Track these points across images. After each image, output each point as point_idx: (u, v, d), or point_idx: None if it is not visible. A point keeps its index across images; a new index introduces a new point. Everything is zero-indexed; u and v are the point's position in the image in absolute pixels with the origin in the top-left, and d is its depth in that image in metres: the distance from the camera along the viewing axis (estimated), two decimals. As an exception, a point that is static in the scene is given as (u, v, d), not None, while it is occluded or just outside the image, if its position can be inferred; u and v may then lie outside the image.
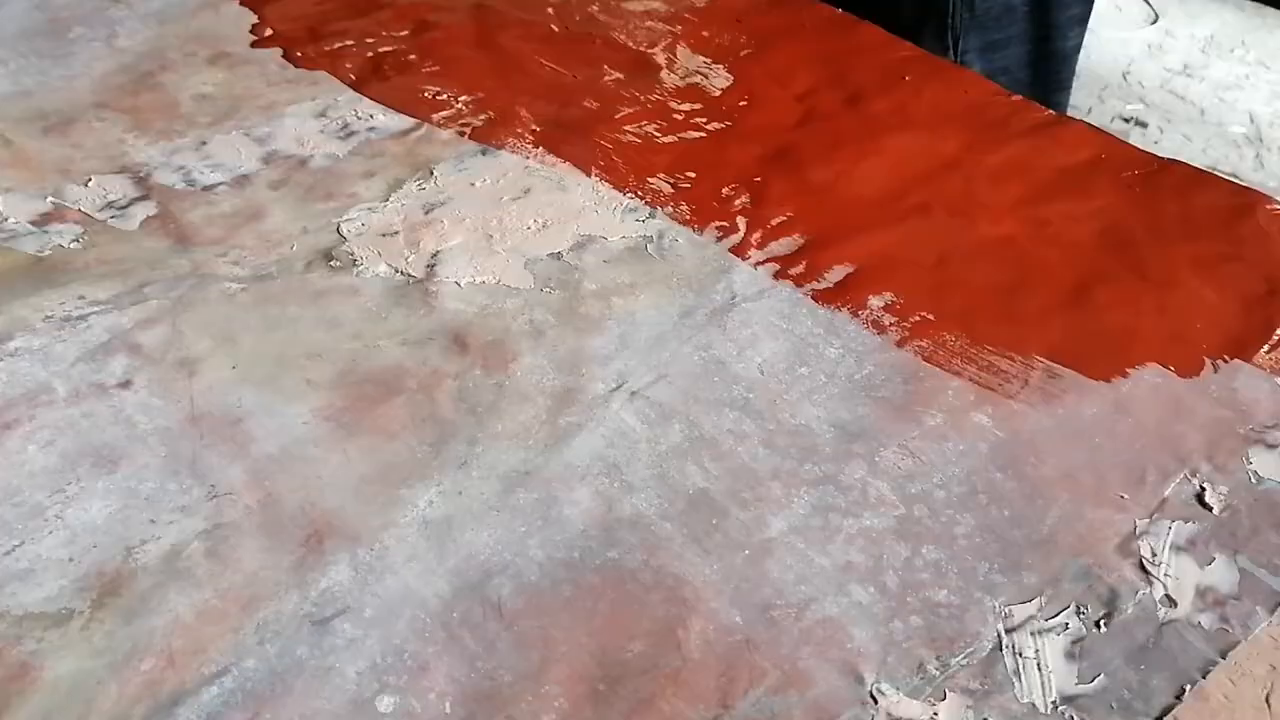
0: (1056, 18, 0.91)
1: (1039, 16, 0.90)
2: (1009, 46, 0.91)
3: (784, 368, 0.50)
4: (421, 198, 0.59)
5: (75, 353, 0.49)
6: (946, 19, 0.87)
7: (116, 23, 0.73)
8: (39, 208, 0.58)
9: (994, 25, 0.89)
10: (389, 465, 0.44)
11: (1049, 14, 0.90)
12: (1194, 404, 0.49)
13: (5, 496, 0.43)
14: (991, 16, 0.89)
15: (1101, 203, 0.61)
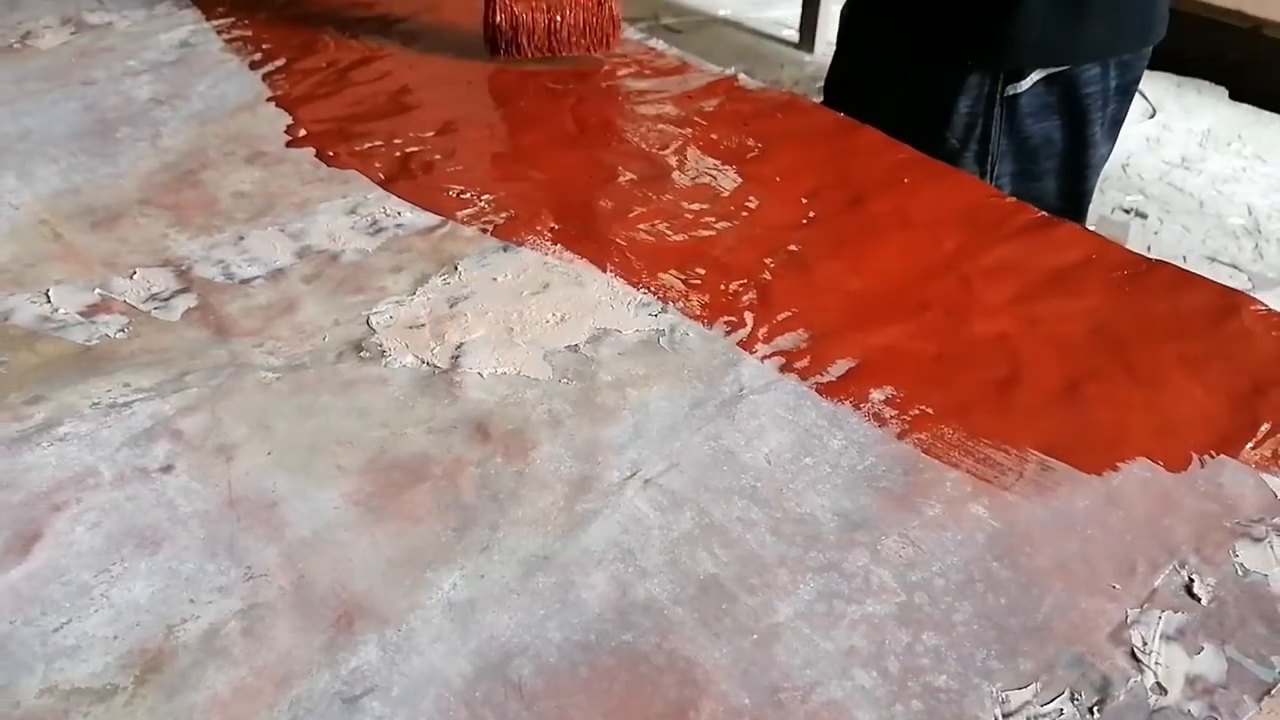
0: (1090, 158, 0.94)
1: (1073, 155, 0.93)
2: (1043, 179, 0.94)
3: (790, 458, 0.52)
4: (446, 292, 0.63)
5: (120, 438, 0.52)
6: (988, 145, 0.90)
7: (161, 123, 0.78)
8: (87, 299, 0.61)
9: (1031, 156, 0.92)
10: (415, 549, 0.47)
11: (1083, 154, 0.93)
12: (1182, 498, 0.51)
13: (54, 575, 0.45)
14: (1030, 147, 0.91)
15: (1092, 301, 0.64)
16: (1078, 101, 0.90)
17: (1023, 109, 0.89)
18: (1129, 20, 0.88)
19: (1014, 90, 0.88)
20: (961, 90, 0.88)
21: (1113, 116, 0.93)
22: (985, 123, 0.89)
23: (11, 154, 0.74)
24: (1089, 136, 0.92)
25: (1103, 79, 0.89)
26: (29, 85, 0.82)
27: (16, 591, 0.44)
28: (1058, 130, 0.91)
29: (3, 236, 0.66)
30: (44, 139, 0.75)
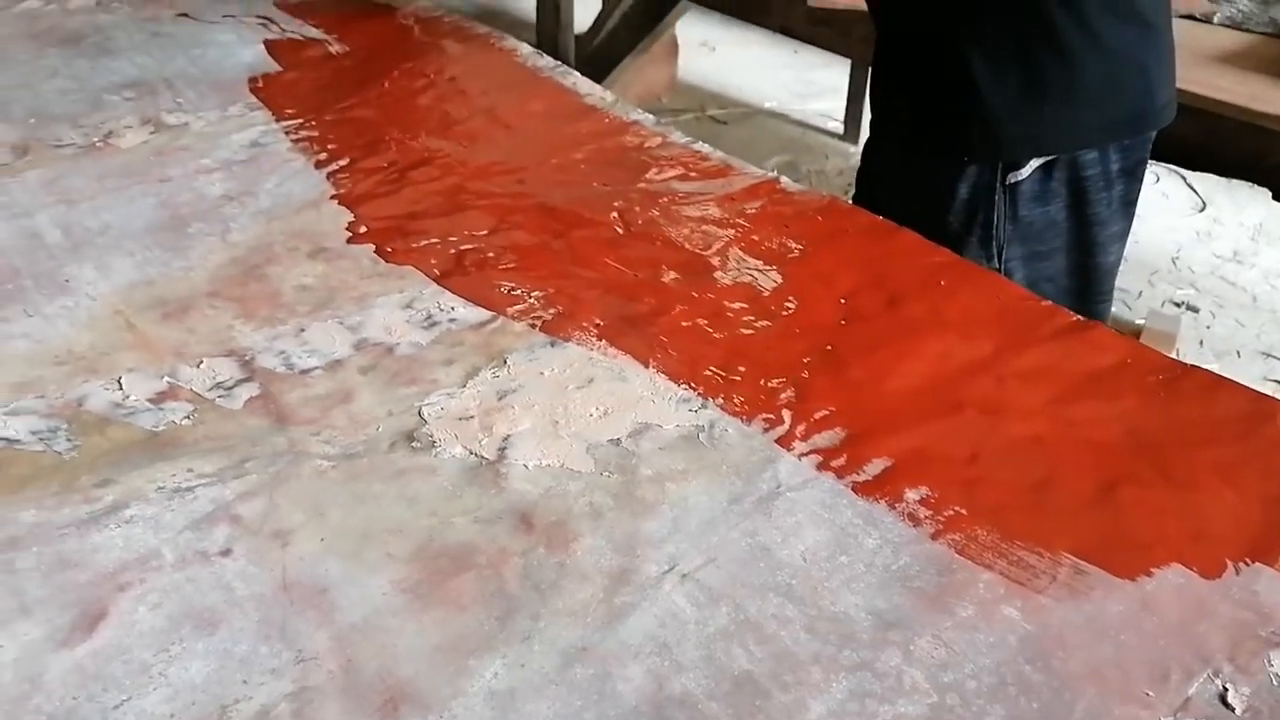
0: (1097, 235, 0.95)
1: (1080, 232, 0.95)
2: (1052, 258, 0.96)
3: (825, 556, 0.54)
4: (495, 385, 0.65)
5: (183, 521, 0.54)
6: (992, 230, 0.92)
7: (230, 219, 0.82)
8: (156, 387, 0.64)
9: (1037, 238, 0.94)
10: (459, 636, 0.49)
11: (1089, 231, 0.95)
12: (1216, 605, 0.51)
13: (116, 654, 0.47)
14: (1035, 230, 0.93)
15: (1126, 405, 0.65)
16: (1079, 184, 0.92)
17: (1025, 195, 0.92)
18: (1123, 108, 0.91)
19: (1015, 178, 0.91)
20: (961, 179, 0.91)
21: (1121, 196, 0.96)
22: (988, 210, 0.92)
23: (91, 247, 0.78)
24: (1093, 216, 0.94)
25: (1102, 162, 0.92)
26: (109, 182, 0.87)
27: (81, 668, 0.46)
28: (1062, 212, 0.94)
29: (80, 326, 0.70)
30: (122, 233, 0.80)
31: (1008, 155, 0.90)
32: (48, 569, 0.51)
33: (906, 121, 0.95)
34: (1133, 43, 0.89)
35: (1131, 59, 0.89)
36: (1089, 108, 0.88)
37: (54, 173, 0.88)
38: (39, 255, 0.77)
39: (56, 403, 0.63)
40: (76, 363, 0.66)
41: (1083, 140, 0.90)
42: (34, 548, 0.52)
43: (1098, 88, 0.88)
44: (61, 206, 0.83)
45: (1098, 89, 0.88)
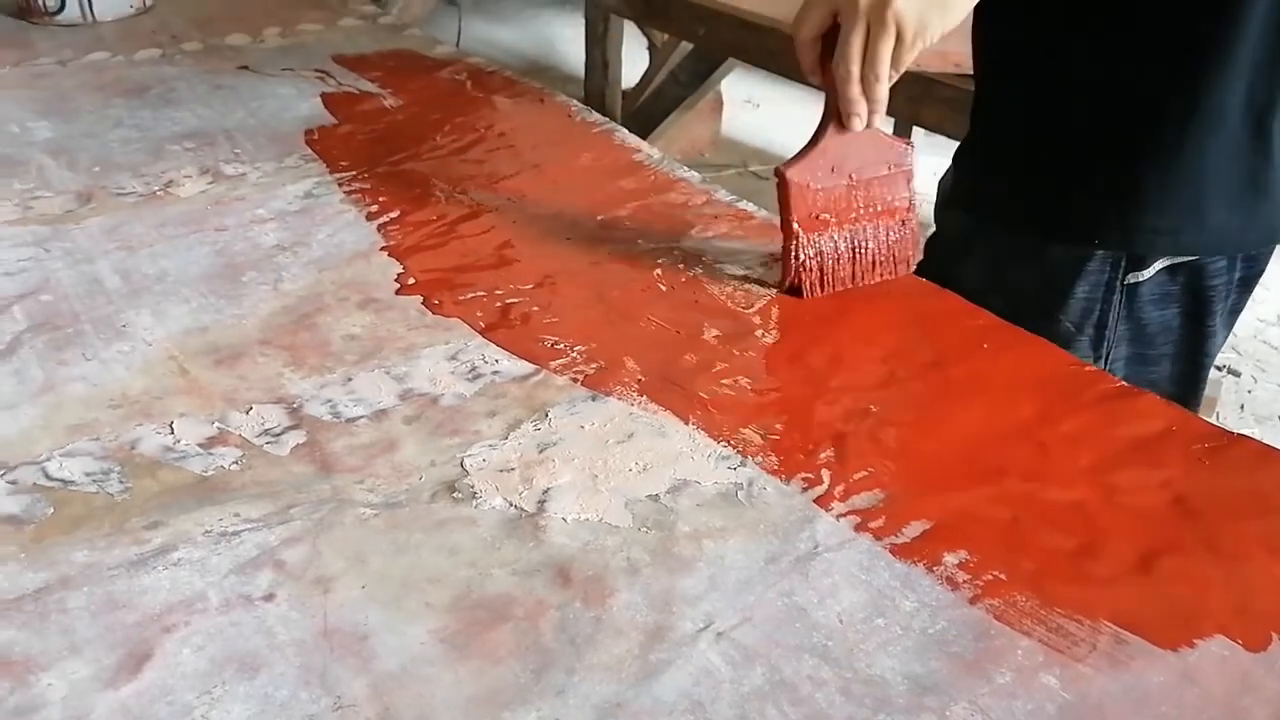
0: (1209, 346, 0.91)
1: (1193, 343, 0.91)
2: (1159, 363, 0.92)
3: (862, 618, 0.53)
4: (537, 438, 0.66)
5: (228, 565, 0.55)
6: (1104, 330, 0.88)
7: (283, 268, 0.84)
8: (206, 432, 0.66)
9: (1149, 341, 0.90)
10: (494, 689, 0.49)
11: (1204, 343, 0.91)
12: (1261, 679, 0.50)
13: (160, 695, 0.48)
14: (1149, 333, 0.90)
15: (1171, 473, 0.64)
16: (1200, 292, 0.88)
17: (1143, 297, 0.88)
18: (1261, 215, 0.85)
19: (1136, 278, 0.86)
20: (1082, 274, 0.86)
21: (1232, 307, 0.91)
22: (1104, 309, 0.87)
23: (149, 293, 0.80)
24: (1209, 327, 0.90)
25: (1228, 271, 0.88)
26: (168, 230, 0.90)
27: (126, 708, 0.47)
28: (1177, 318, 0.89)
29: (135, 370, 0.72)
30: (178, 280, 0.82)
31: (1140, 250, 0.85)
32: (97, 609, 0.52)
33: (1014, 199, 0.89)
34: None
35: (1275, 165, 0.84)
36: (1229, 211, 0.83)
37: (115, 220, 0.91)
38: (98, 300, 0.79)
39: (110, 445, 0.64)
40: (130, 406, 0.68)
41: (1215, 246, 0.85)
42: (85, 587, 0.54)
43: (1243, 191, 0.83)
44: (122, 253, 0.86)
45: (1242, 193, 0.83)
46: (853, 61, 0.73)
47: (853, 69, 0.73)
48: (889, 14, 0.70)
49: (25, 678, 0.48)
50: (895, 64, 0.73)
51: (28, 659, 0.49)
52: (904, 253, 0.84)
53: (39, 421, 0.66)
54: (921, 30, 0.71)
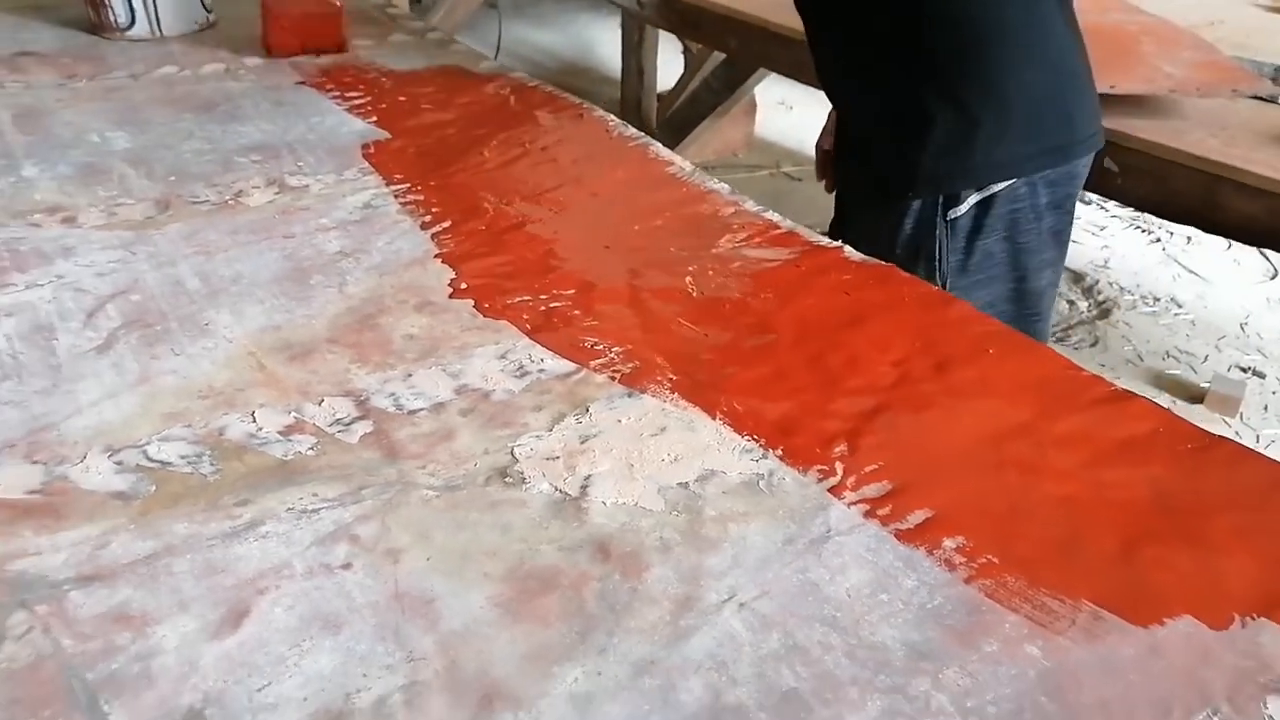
0: (1029, 262, 1.12)
1: (1014, 261, 1.10)
2: (990, 285, 1.11)
3: (868, 593, 0.60)
4: (579, 430, 0.73)
5: (309, 538, 0.63)
6: (935, 262, 1.08)
7: (346, 273, 0.92)
8: (285, 421, 0.74)
9: (976, 268, 1.10)
10: (544, 647, 0.56)
11: (1021, 259, 1.11)
12: (1221, 654, 0.57)
13: (257, 646, 0.56)
14: (974, 261, 1.09)
15: (1156, 471, 0.71)
16: (1012, 217, 1.08)
17: (963, 228, 1.08)
18: (1045, 139, 1.07)
19: (954, 214, 1.07)
20: (908, 214, 1.08)
21: (1050, 228, 1.11)
22: (931, 242, 1.09)
23: (227, 294, 0.88)
24: (1024, 245, 1.10)
25: (1031, 197, 1.08)
26: (240, 236, 0.98)
27: (229, 657, 0.55)
28: (998, 244, 1.08)
29: (219, 365, 0.80)
30: (252, 283, 0.90)
31: (946, 190, 1.05)
32: (199, 573, 0.60)
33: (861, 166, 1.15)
34: (1053, 86, 1.06)
35: (1052, 101, 1.07)
36: (1015, 143, 1.05)
37: (192, 227, 0.99)
38: (182, 300, 0.87)
39: (201, 432, 0.72)
40: (216, 397, 0.76)
41: (1010, 171, 1.05)
42: (188, 555, 0.62)
43: (1022, 125, 1.05)
44: (200, 257, 0.94)
45: (1022, 126, 1.04)
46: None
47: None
48: None
49: (143, 629, 0.56)
50: None
51: (144, 614, 0.57)
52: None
53: (138, 409, 0.74)
54: None
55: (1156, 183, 1.48)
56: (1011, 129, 1.05)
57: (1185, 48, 1.66)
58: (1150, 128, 1.52)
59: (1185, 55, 1.63)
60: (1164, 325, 2.64)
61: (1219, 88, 1.53)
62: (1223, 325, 2.67)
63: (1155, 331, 2.60)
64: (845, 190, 1.22)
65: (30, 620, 0.56)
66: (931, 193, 1.07)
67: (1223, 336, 2.61)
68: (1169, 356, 2.51)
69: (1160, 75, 1.56)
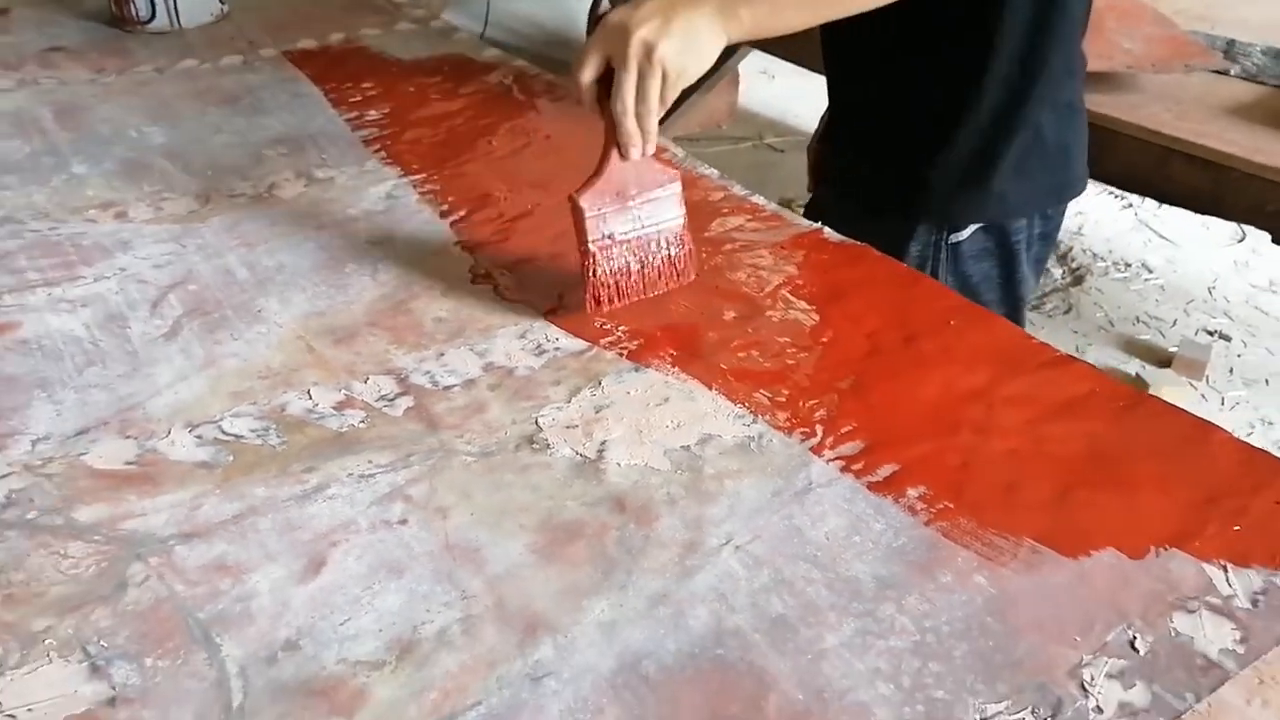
0: (1021, 290, 1.19)
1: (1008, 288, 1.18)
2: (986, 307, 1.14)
3: (843, 536, 0.72)
4: (593, 401, 0.84)
5: (369, 499, 0.74)
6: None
7: (377, 260, 1.03)
8: (336, 398, 0.84)
9: (973, 290, 1.16)
10: (575, 584, 0.68)
11: (1017, 288, 1.18)
12: (1138, 579, 0.69)
13: (336, 589, 0.67)
14: (972, 282, 1.16)
15: (1091, 426, 0.82)
16: (1008, 247, 1.15)
17: (964, 253, 1.14)
18: (1047, 180, 1.13)
19: (956, 239, 1.13)
20: (913, 237, 1.13)
21: (1036, 256, 1.18)
22: (934, 265, 1.13)
23: (273, 283, 0.99)
24: (1019, 274, 1.17)
25: (1028, 228, 1.14)
26: (278, 228, 1.08)
27: (313, 598, 0.66)
28: (993, 269, 1.16)
29: (273, 348, 0.90)
30: (294, 272, 1.01)
31: (955, 221, 1.12)
32: (280, 530, 0.71)
33: (865, 186, 1.18)
34: (1061, 127, 1.10)
35: (1058, 141, 1.11)
36: (1023, 182, 1.10)
37: (233, 219, 1.09)
38: (234, 289, 0.98)
39: (265, 408, 0.83)
40: (274, 377, 0.87)
41: (1017, 211, 1.12)
42: (268, 514, 0.73)
43: (1032, 166, 1.09)
44: (244, 249, 1.04)
45: (1031, 167, 1.09)
46: (627, 101, 0.85)
47: (628, 109, 0.86)
48: (655, 59, 0.84)
49: (240, 577, 0.68)
50: (663, 101, 0.87)
51: (239, 564, 0.69)
52: (685, 265, 0.97)
53: (207, 390, 0.85)
54: (682, 71, 0.86)
55: (1113, 155, 1.59)
56: (1029, 168, 1.08)
57: (1145, 22, 1.76)
58: (1109, 102, 1.62)
59: (1145, 30, 1.73)
60: (1135, 291, 2.75)
61: (1173, 63, 1.64)
62: (1191, 289, 2.78)
63: (1126, 297, 2.72)
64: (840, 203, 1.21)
65: (146, 570, 0.67)
66: (941, 219, 1.11)
67: (1191, 300, 2.73)
68: (1139, 322, 2.62)
69: (1119, 51, 1.67)
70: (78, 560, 0.68)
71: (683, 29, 0.84)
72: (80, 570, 0.67)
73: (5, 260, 0.99)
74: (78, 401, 0.82)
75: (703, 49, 0.86)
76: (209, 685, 0.61)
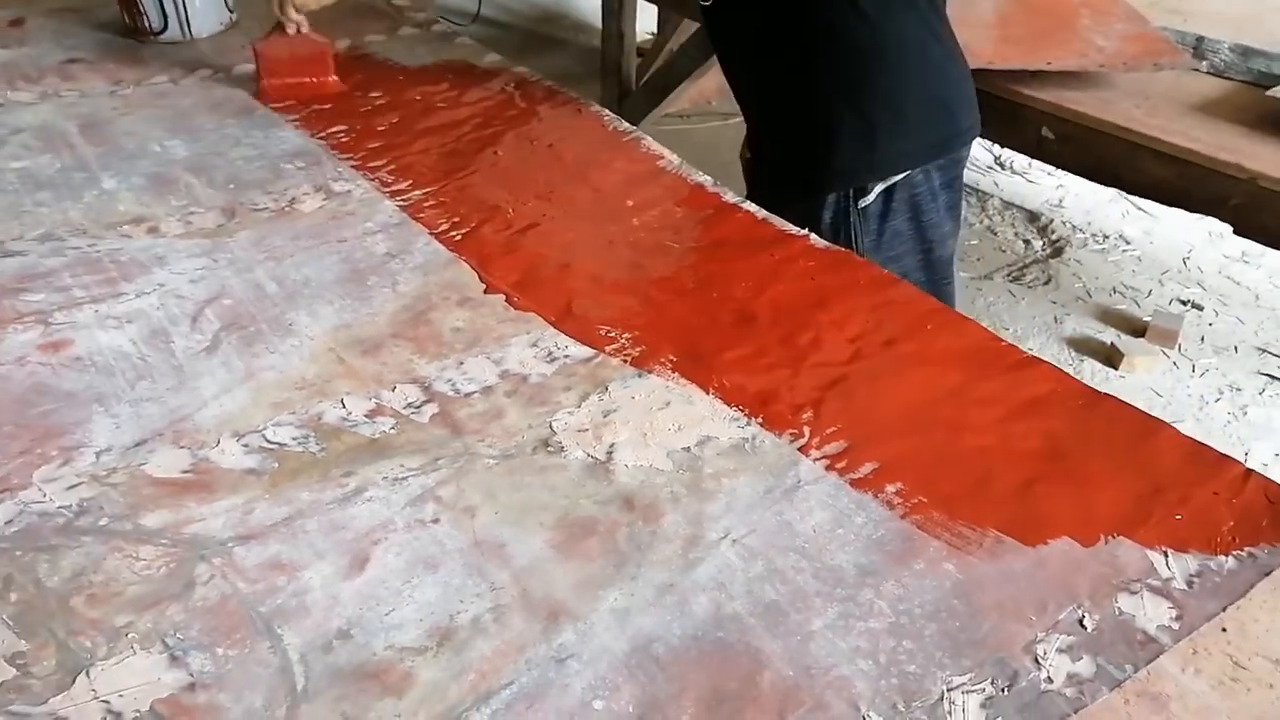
0: (933, 235, 1.33)
1: (919, 235, 1.32)
2: (903, 259, 1.32)
3: (828, 529, 0.81)
4: (601, 406, 0.93)
5: (404, 500, 0.83)
6: (853, 245, 1.28)
7: (396, 273, 1.10)
8: (368, 406, 0.93)
9: (889, 246, 1.31)
10: (591, 576, 0.76)
11: (926, 233, 1.32)
12: (1088, 564, 0.78)
13: (379, 583, 0.76)
14: (886, 240, 1.30)
15: (1051, 424, 0.91)
16: (913, 200, 1.28)
17: (873, 213, 1.28)
18: (932, 133, 1.27)
19: (864, 202, 1.27)
20: (825, 205, 1.27)
21: (945, 204, 1.32)
22: (847, 228, 1.29)
23: (301, 297, 1.07)
24: (927, 222, 1.31)
25: (927, 181, 1.28)
26: (302, 242, 1.15)
27: (360, 591, 0.75)
28: (905, 224, 1.30)
29: (306, 360, 0.98)
30: (320, 285, 1.08)
31: (855, 184, 1.26)
32: (325, 531, 0.80)
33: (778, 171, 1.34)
34: (939, 87, 1.26)
35: (938, 98, 1.27)
36: (908, 140, 1.24)
37: (259, 233, 1.17)
38: (265, 303, 1.05)
39: (303, 417, 0.91)
40: (310, 388, 0.95)
41: (906, 164, 1.26)
42: (314, 517, 0.81)
43: (913, 125, 1.24)
44: (271, 263, 1.12)
45: (913, 126, 1.24)
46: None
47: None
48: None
49: (294, 574, 0.76)
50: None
51: (292, 562, 0.77)
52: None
53: (249, 401, 0.93)
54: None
55: (1086, 150, 1.68)
56: (904, 129, 1.25)
57: (1119, 19, 1.84)
58: (1082, 99, 1.70)
59: (1118, 27, 1.81)
60: (1112, 262, 2.84)
61: (1143, 61, 1.72)
62: (1167, 260, 2.87)
63: (1104, 268, 2.81)
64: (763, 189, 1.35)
65: (210, 570, 0.76)
66: (842, 187, 1.27)
67: (1166, 271, 2.82)
68: (1115, 292, 2.71)
69: (1093, 49, 1.74)
70: (149, 562, 0.76)
71: None
72: (152, 571, 0.75)
73: (51, 278, 1.07)
74: (133, 415, 0.90)
75: None
76: (274, 671, 0.69)
